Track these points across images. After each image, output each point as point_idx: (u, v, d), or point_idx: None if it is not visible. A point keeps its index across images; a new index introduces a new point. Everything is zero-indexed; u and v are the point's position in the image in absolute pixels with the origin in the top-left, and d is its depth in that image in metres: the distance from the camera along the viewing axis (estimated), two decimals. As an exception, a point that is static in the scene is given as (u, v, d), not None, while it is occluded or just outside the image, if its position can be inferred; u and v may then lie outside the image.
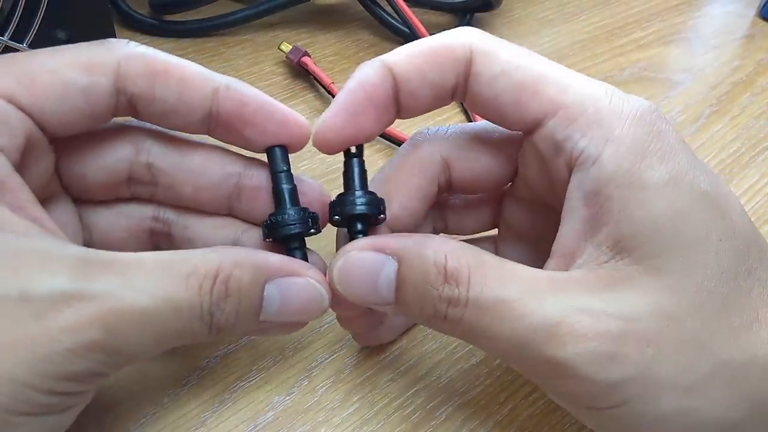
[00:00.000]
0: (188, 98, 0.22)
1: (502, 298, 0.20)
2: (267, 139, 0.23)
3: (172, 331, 0.19)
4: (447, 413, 0.26)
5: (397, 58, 0.22)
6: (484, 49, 0.22)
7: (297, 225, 0.22)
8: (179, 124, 0.23)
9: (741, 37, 0.50)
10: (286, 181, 0.23)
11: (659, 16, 0.51)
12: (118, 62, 0.21)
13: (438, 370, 0.27)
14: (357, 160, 0.23)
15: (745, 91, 0.44)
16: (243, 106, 0.22)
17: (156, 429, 0.24)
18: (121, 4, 0.43)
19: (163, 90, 0.22)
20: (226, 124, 0.22)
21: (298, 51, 0.40)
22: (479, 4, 0.45)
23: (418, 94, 0.22)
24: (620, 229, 0.20)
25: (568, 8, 0.51)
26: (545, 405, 0.26)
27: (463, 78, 0.22)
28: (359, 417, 0.25)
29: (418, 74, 0.22)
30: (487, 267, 0.20)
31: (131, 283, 0.18)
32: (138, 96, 0.21)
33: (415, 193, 0.24)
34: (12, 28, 0.28)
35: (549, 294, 0.20)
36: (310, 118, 0.38)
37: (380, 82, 0.22)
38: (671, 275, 0.20)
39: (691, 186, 0.20)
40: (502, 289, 0.20)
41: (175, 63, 0.22)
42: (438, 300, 0.20)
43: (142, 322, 0.18)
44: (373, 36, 0.45)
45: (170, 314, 0.19)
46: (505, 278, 0.20)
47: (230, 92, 0.22)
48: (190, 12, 0.44)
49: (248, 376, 0.26)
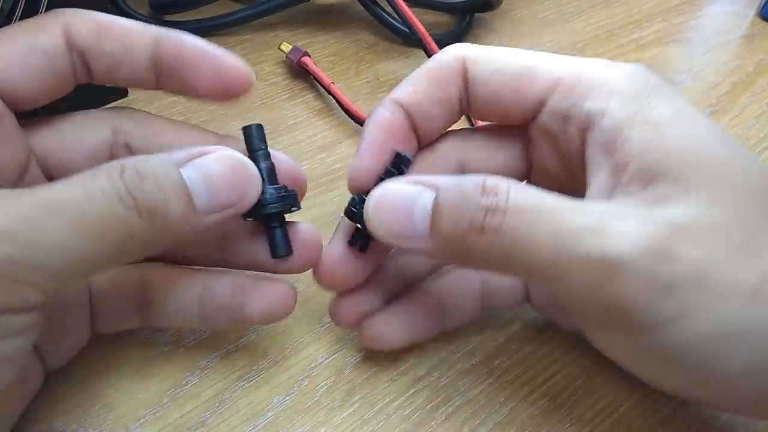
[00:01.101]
0: (132, 47, 0.22)
1: (543, 202, 0.20)
2: (205, 83, 0.23)
3: (94, 218, 0.18)
4: (447, 413, 0.26)
5: (401, 90, 0.24)
6: (474, 55, 0.24)
7: (277, 204, 0.23)
8: (127, 76, 0.23)
9: (741, 37, 0.50)
10: (263, 160, 0.23)
11: (659, 16, 0.51)
12: (65, 22, 0.22)
13: (438, 370, 0.27)
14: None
15: (745, 91, 0.44)
16: (181, 48, 0.23)
17: (156, 429, 0.24)
18: (121, 4, 0.43)
19: (108, 42, 0.22)
20: (168, 70, 0.23)
21: (298, 51, 0.40)
22: (479, 4, 0.45)
23: (430, 116, 0.24)
24: (646, 161, 0.20)
25: (568, 8, 0.51)
26: (545, 405, 0.26)
27: (464, 87, 0.24)
28: (359, 417, 0.25)
29: (424, 97, 0.24)
30: (526, 186, 0.20)
31: (42, 189, 0.19)
32: (87, 50, 0.22)
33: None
34: (12, 28, 0.28)
35: (590, 203, 0.20)
36: (309, 118, 0.39)
37: (394, 117, 0.24)
38: (708, 190, 0.19)
39: (700, 119, 0.21)
40: (542, 198, 0.20)
41: (117, 18, 0.23)
42: (476, 209, 0.20)
43: (53, 210, 0.18)
44: (373, 36, 0.45)
45: (83, 200, 0.19)
46: (544, 192, 0.20)
47: (170, 38, 0.23)
48: (190, 12, 0.44)
49: (248, 376, 0.26)
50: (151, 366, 0.26)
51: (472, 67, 0.23)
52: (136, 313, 0.25)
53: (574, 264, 0.19)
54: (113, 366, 0.26)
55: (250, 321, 0.25)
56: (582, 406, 0.26)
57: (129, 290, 0.25)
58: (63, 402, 0.25)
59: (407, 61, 0.43)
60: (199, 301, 0.25)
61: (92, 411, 0.25)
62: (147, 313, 0.25)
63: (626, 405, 0.26)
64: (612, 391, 0.27)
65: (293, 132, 0.38)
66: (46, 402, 0.25)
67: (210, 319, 0.25)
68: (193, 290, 0.25)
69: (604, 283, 0.19)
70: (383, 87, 0.41)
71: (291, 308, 0.25)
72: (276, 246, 0.24)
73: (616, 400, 0.26)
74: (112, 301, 0.25)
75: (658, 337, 0.19)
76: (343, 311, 0.26)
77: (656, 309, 0.19)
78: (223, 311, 0.25)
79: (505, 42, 0.46)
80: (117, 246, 0.19)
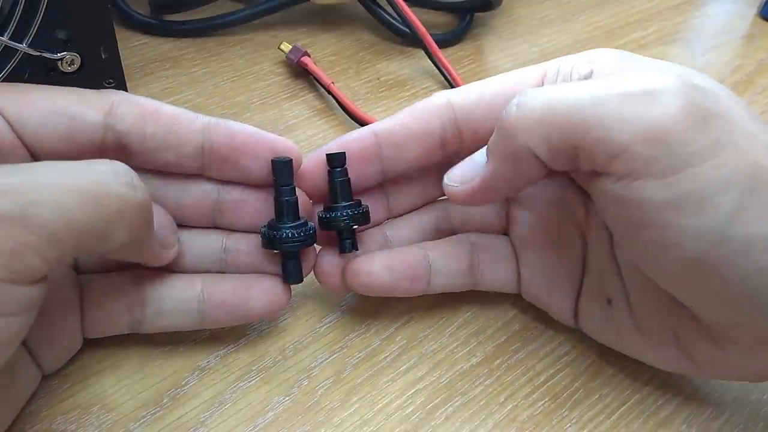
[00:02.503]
0: (179, 131, 0.23)
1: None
2: (261, 166, 0.25)
3: (91, 184, 0.19)
4: (447, 413, 0.26)
5: (381, 122, 0.26)
6: (457, 92, 0.26)
7: (296, 244, 0.24)
8: (172, 160, 0.24)
9: (741, 37, 0.50)
10: (288, 195, 0.25)
11: (659, 16, 0.51)
12: (111, 102, 0.23)
13: (438, 370, 0.27)
14: (340, 171, 0.25)
15: (745, 91, 0.44)
16: (233, 136, 0.24)
17: (156, 429, 0.24)
18: (121, 4, 0.43)
19: (154, 126, 0.23)
20: (219, 156, 0.24)
21: (297, 51, 0.40)
22: (479, 4, 0.45)
23: (401, 144, 0.26)
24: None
25: (568, 8, 0.51)
26: (545, 405, 0.26)
27: (451, 126, 0.25)
28: (359, 417, 0.25)
29: (401, 126, 0.26)
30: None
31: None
32: (129, 133, 0.23)
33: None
34: (12, 28, 0.28)
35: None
36: (309, 118, 0.39)
37: (362, 135, 0.26)
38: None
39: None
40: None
41: (164, 105, 0.24)
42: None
43: (54, 173, 0.19)
44: (373, 36, 0.45)
45: (84, 167, 0.19)
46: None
47: (220, 126, 0.24)
48: (190, 12, 0.44)
49: (248, 376, 0.26)
50: (151, 366, 0.26)
51: (457, 100, 0.25)
52: (127, 315, 0.25)
53: (614, 100, 0.20)
54: (113, 366, 0.26)
55: (253, 316, 0.25)
56: (582, 406, 0.26)
57: (120, 290, 0.25)
58: (63, 402, 0.25)
59: (407, 61, 0.43)
60: (199, 299, 0.25)
61: (92, 411, 0.25)
62: (141, 315, 0.25)
63: (626, 405, 0.26)
64: (612, 391, 0.27)
65: (293, 132, 0.38)
66: (46, 402, 0.25)
67: (209, 317, 0.25)
68: (192, 288, 0.25)
69: (647, 109, 0.19)
70: (383, 87, 0.41)
71: (288, 300, 0.26)
72: (289, 275, 0.26)
73: (616, 400, 0.26)
74: (103, 302, 0.25)
75: (687, 177, 0.19)
76: (326, 262, 0.27)
77: (693, 137, 0.19)
78: (226, 307, 0.25)
79: (505, 42, 0.46)
80: (109, 219, 0.19)
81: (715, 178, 0.19)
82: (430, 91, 0.41)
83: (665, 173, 0.19)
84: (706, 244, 0.19)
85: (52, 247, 0.18)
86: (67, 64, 0.31)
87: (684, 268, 0.20)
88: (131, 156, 0.23)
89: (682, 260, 0.20)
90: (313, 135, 0.38)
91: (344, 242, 0.26)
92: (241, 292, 0.25)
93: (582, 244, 0.27)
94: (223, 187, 0.25)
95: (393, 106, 0.40)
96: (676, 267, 0.21)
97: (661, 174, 0.19)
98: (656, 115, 0.19)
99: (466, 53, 0.45)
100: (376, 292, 0.27)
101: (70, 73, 0.31)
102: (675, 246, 0.20)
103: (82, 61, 0.31)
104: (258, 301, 0.25)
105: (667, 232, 0.20)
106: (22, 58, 0.29)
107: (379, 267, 0.26)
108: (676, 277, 0.21)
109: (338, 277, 0.27)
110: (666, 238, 0.20)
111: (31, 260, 0.18)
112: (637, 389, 0.27)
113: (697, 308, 0.22)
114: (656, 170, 0.19)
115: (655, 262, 0.21)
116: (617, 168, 0.20)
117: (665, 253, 0.20)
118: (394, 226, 0.28)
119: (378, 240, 0.28)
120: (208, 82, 0.40)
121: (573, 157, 0.21)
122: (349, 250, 0.26)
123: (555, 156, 0.21)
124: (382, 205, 0.28)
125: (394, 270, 0.26)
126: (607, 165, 0.20)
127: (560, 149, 0.21)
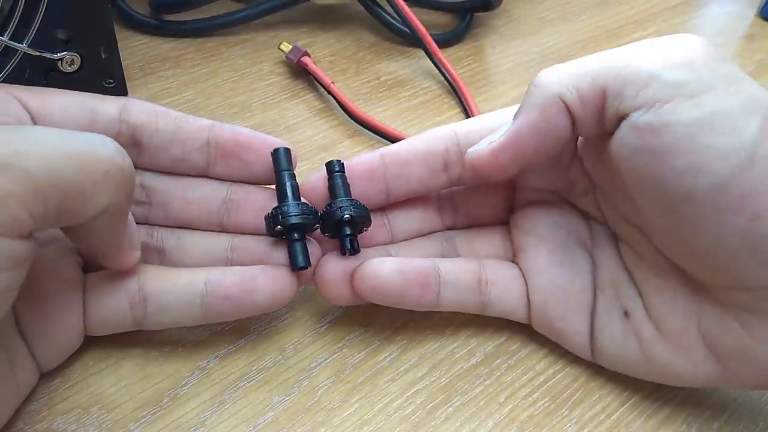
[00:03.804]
0: (187, 127, 0.26)
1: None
2: (263, 162, 0.26)
3: (81, 143, 0.20)
4: (447, 413, 0.26)
5: (390, 146, 0.27)
6: (461, 123, 0.27)
7: (300, 216, 0.25)
8: (179, 154, 0.26)
9: (741, 37, 0.50)
10: (290, 179, 0.26)
11: (659, 16, 0.51)
12: (124, 101, 0.25)
13: (438, 370, 0.27)
14: (340, 175, 0.26)
15: (745, 91, 0.44)
16: (237, 133, 0.26)
17: (156, 429, 0.24)
18: (121, 4, 0.43)
19: (164, 122, 0.25)
20: (224, 150, 0.26)
21: (298, 51, 0.40)
22: (479, 4, 0.45)
23: (407, 164, 0.27)
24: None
25: (568, 8, 0.51)
26: (545, 405, 0.26)
27: (454, 149, 0.27)
28: (359, 417, 0.25)
29: (407, 150, 0.27)
30: None
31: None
32: (142, 126, 0.25)
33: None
34: (12, 28, 0.28)
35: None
36: (309, 118, 0.39)
37: (370, 157, 0.27)
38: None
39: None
40: None
41: (172, 110, 0.26)
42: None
43: (47, 127, 0.20)
44: (373, 36, 0.45)
45: (77, 129, 0.21)
46: None
47: (224, 126, 0.26)
48: (190, 12, 0.44)
49: (248, 376, 0.26)
50: (151, 366, 0.26)
51: (461, 127, 0.27)
52: (130, 311, 0.25)
53: (640, 46, 0.23)
54: (113, 366, 0.26)
55: (259, 308, 0.25)
56: (582, 406, 0.26)
57: (123, 286, 0.25)
58: (63, 402, 0.25)
59: (407, 61, 0.43)
60: (203, 292, 0.24)
61: (92, 411, 0.25)
62: (143, 311, 0.25)
63: (626, 405, 0.26)
64: (612, 391, 0.27)
65: (293, 132, 0.38)
66: (45, 402, 0.25)
67: (213, 311, 0.25)
68: (195, 283, 0.25)
69: (672, 46, 0.22)
70: (383, 87, 0.41)
71: (295, 291, 0.26)
72: (296, 259, 0.25)
73: (616, 400, 0.27)
74: (105, 298, 0.25)
75: (715, 97, 0.21)
76: (328, 268, 0.26)
77: (715, 66, 0.21)
78: (231, 300, 0.25)
79: (506, 42, 0.46)
80: (95, 180, 0.19)
81: (739, 103, 0.20)
82: (430, 91, 0.41)
83: (694, 93, 0.21)
84: (735, 165, 0.20)
85: (37, 199, 0.18)
86: (67, 64, 0.31)
87: (713, 204, 0.20)
88: (143, 151, 0.25)
89: (711, 189, 0.20)
90: (313, 135, 0.38)
91: (345, 239, 0.25)
92: (246, 283, 0.25)
93: (590, 262, 0.27)
94: (230, 186, 0.26)
95: (393, 106, 0.40)
96: (705, 203, 0.20)
97: (691, 94, 0.21)
98: (682, 48, 0.22)
99: (466, 53, 0.45)
100: (384, 298, 0.26)
101: (70, 73, 0.31)
102: (705, 170, 0.20)
103: (82, 61, 0.31)
104: (264, 293, 0.25)
105: (697, 155, 0.20)
106: (22, 58, 0.29)
107: (390, 270, 0.25)
108: (703, 219, 0.21)
109: (340, 285, 0.26)
110: (696, 162, 0.20)
111: (15, 211, 0.18)
112: (637, 389, 0.27)
113: (721, 266, 0.21)
114: (686, 91, 0.21)
115: (681, 203, 0.21)
116: (647, 97, 0.21)
117: (695, 182, 0.20)
118: (398, 247, 0.28)
119: (382, 255, 0.27)
120: (208, 82, 0.40)
121: (601, 102, 0.23)
122: (349, 248, 0.25)
123: (583, 102, 0.23)
124: (385, 230, 0.28)
125: (405, 274, 0.25)
126: (635, 97, 0.21)
127: (589, 93, 0.23)
